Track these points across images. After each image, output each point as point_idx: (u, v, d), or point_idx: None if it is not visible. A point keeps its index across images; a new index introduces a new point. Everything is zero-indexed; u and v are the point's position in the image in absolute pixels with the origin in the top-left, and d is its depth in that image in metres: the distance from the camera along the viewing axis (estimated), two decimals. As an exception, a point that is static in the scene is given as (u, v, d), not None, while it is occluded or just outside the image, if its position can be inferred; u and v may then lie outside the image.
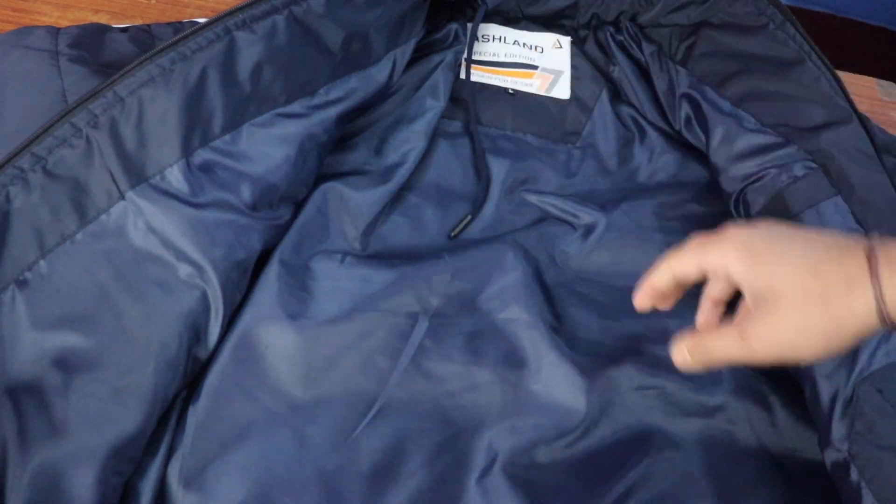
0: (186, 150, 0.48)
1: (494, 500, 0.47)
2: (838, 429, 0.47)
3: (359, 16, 0.54)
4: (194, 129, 0.48)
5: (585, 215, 0.59)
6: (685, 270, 0.43)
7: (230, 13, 0.50)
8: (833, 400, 0.47)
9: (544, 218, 0.60)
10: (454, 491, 0.48)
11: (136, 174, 0.47)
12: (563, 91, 0.67)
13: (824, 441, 0.48)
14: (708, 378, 0.52)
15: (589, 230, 0.59)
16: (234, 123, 0.50)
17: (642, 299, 0.45)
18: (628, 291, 0.45)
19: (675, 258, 0.43)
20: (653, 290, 0.44)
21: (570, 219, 0.59)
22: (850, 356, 0.47)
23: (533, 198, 0.61)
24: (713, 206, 0.61)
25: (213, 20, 0.49)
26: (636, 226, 0.60)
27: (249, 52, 0.50)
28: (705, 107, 0.60)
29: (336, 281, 0.52)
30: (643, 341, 0.54)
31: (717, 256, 0.41)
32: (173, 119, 0.47)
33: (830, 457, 0.47)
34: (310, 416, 0.49)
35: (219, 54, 0.49)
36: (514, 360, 0.52)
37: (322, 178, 0.57)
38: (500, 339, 0.52)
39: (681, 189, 0.63)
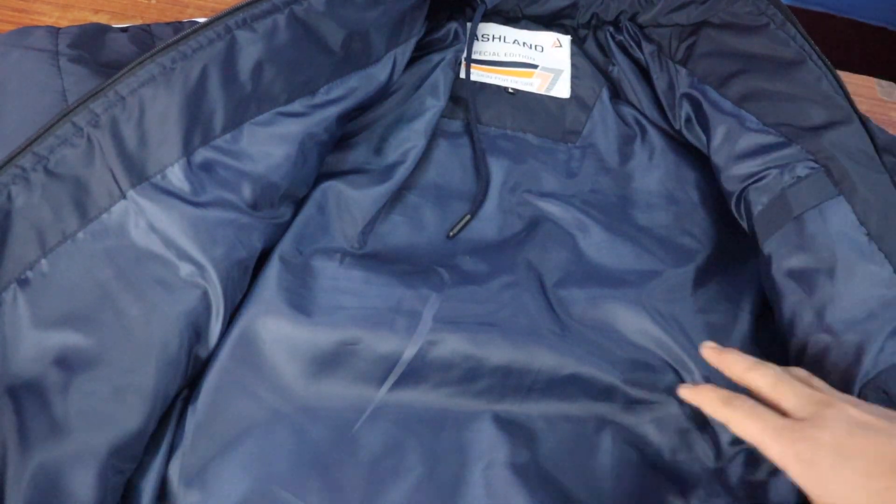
0: (187, 149, 0.48)
1: (497, 492, 0.48)
2: None
3: (359, 15, 0.54)
4: (195, 128, 0.48)
5: (586, 221, 0.59)
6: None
7: (231, 12, 0.50)
8: None
9: (545, 220, 0.60)
10: (455, 484, 0.48)
11: (137, 173, 0.47)
12: (563, 90, 0.67)
13: None
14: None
15: (590, 235, 0.59)
16: (234, 122, 0.50)
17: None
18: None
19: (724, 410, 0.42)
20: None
21: (570, 227, 0.59)
22: (855, 357, 0.47)
23: (533, 199, 0.61)
24: (715, 206, 0.62)
25: (213, 19, 0.49)
26: (637, 228, 0.60)
27: (250, 50, 0.50)
28: (706, 106, 0.60)
29: (336, 279, 0.52)
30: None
31: (775, 456, 0.39)
32: (174, 118, 0.47)
33: None
34: (309, 412, 0.49)
35: (219, 53, 0.49)
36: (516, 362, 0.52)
37: (322, 176, 0.57)
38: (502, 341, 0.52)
39: (682, 188, 0.63)
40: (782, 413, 0.40)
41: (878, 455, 0.37)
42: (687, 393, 0.44)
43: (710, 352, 0.45)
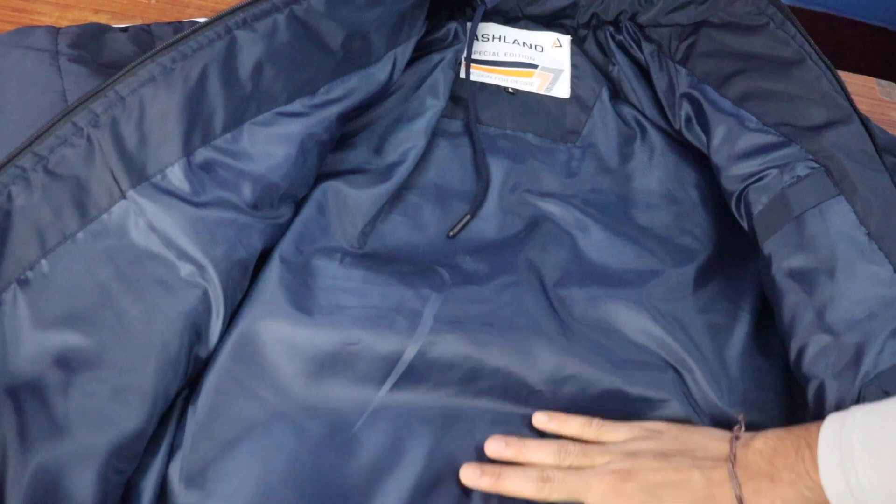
0: (187, 149, 0.48)
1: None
2: None
3: (359, 15, 0.54)
4: (195, 128, 0.48)
5: (586, 220, 0.59)
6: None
7: (231, 12, 0.50)
8: (839, 401, 0.47)
9: (545, 219, 0.59)
10: (456, 484, 0.48)
11: (138, 173, 0.47)
12: (562, 90, 0.67)
13: None
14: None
15: (590, 235, 0.59)
16: (234, 122, 0.50)
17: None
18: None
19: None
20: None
21: (570, 227, 0.59)
22: (855, 357, 0.47)
23: (533, 199, 0.61)
24: (716, 205, 0.62)
25: (213, 19, 0.49)
26: (637, 227, 0.60)
27: (250, 50, 0.50)
28: (706, 106, 0.60)
29: (336, 279, 0.52)
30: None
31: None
32: (174, 118, 0.47)
33: None
34: (310, 412, 0.49)
35: (220, 53, 0.49)
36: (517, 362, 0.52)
37: (322, 176, 0.57)
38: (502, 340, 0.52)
39: (682, 188, 0.63)
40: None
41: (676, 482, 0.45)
42: None
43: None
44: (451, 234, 0.58)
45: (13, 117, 0.53)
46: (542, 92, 0.67)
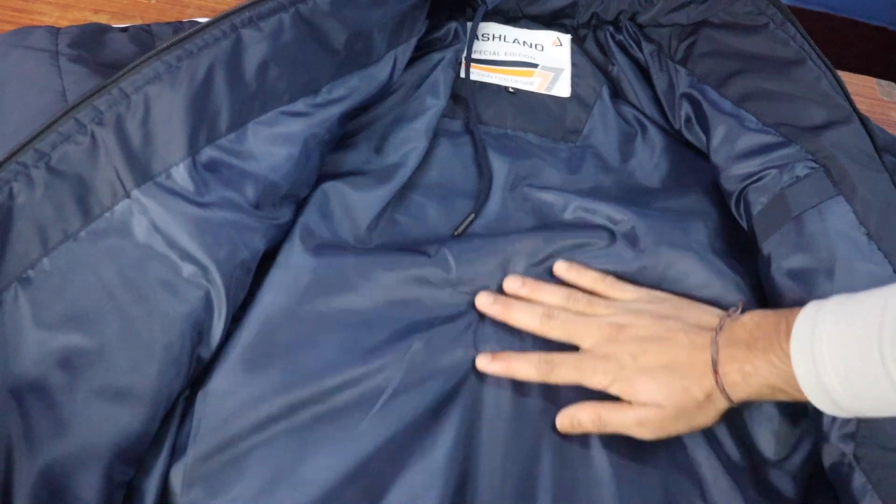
0: (193, 149, 0.48)
1: (502, 485, 0.48)
2: (841, 430, 0.47)
3: (363, 14, 0.54)
4: (200, 127, 0.48)
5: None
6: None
7: (237, 11, 0.49)
8: None
9: (547, 217, 0.60)
10: (462, 481, 0.48)
11: (142, 172, 0.46)
12: (563, 89, 0.67)
13: (823, 440, 0.48)
14: None
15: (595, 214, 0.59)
16: (239, 122, 0.50)
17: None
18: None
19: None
20: None
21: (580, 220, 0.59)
22: None
23: (536, 193, 0.61)
24: (715, 204, 0.62)
25: (219, 17, 0.49)
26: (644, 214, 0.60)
27: (256, 49, 0.50)
28: (706, 106, 0.60)
29: (343, 277, 0.52)
30: None
31: (597, 386, 0.50)
32: (179, 117, 0.47)
33: (830, 457, 0.48)
34: (314, 412, 0.48)
35: (225, 52, 0.49)
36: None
37: (323, 177, 0.57)
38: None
39: (683, 186, 0.63)
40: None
41: (665, 361, 0.49)
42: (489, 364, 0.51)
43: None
44: (457, 233, 0.58)
45: (13, 117, 0.52)
46: (542, 91, 0.67)
